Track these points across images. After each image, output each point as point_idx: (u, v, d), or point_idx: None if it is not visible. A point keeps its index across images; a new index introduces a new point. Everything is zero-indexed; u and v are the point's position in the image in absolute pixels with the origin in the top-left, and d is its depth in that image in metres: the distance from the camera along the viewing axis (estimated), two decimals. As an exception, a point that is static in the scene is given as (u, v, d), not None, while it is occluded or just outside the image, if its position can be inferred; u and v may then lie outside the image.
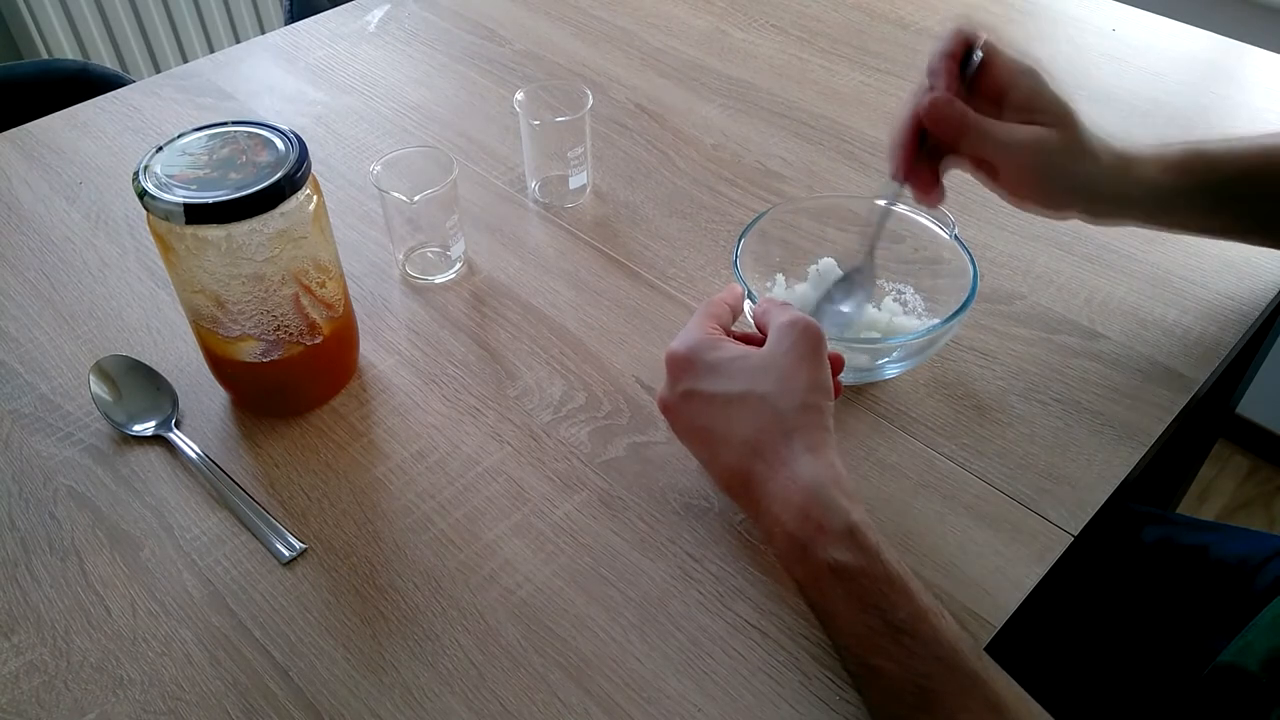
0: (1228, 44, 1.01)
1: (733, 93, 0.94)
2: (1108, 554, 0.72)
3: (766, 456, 0.50)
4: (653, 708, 0.48)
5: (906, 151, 0.59)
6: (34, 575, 0.54)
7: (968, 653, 0.43)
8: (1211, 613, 0.67)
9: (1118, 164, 0.59)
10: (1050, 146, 0.56)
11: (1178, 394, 0.64)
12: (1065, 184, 0.58)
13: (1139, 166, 0.59)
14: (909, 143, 0.58)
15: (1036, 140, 0.56)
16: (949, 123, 0.56)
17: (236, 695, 0.49)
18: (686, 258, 0.75)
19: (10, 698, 0.49)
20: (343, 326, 0.63)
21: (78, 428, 0.62)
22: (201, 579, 0.54)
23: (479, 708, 0.48)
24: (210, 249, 0.53)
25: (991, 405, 0.63)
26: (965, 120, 0.56)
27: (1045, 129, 0.56)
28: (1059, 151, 0.56)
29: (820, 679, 0.49)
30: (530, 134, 0.79)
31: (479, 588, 0.54)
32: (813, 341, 0.52)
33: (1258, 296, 0.72)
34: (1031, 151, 0.56)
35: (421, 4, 1.09)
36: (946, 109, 0.56)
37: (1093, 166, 0.58)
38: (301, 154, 0.55)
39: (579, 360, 0.67)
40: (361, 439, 0.62)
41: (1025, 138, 0.56)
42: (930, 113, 0.56)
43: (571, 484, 0.59)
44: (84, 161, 0.85)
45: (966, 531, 0.56)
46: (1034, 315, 0.70)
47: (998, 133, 0.56)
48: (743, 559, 0.55)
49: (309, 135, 0.88)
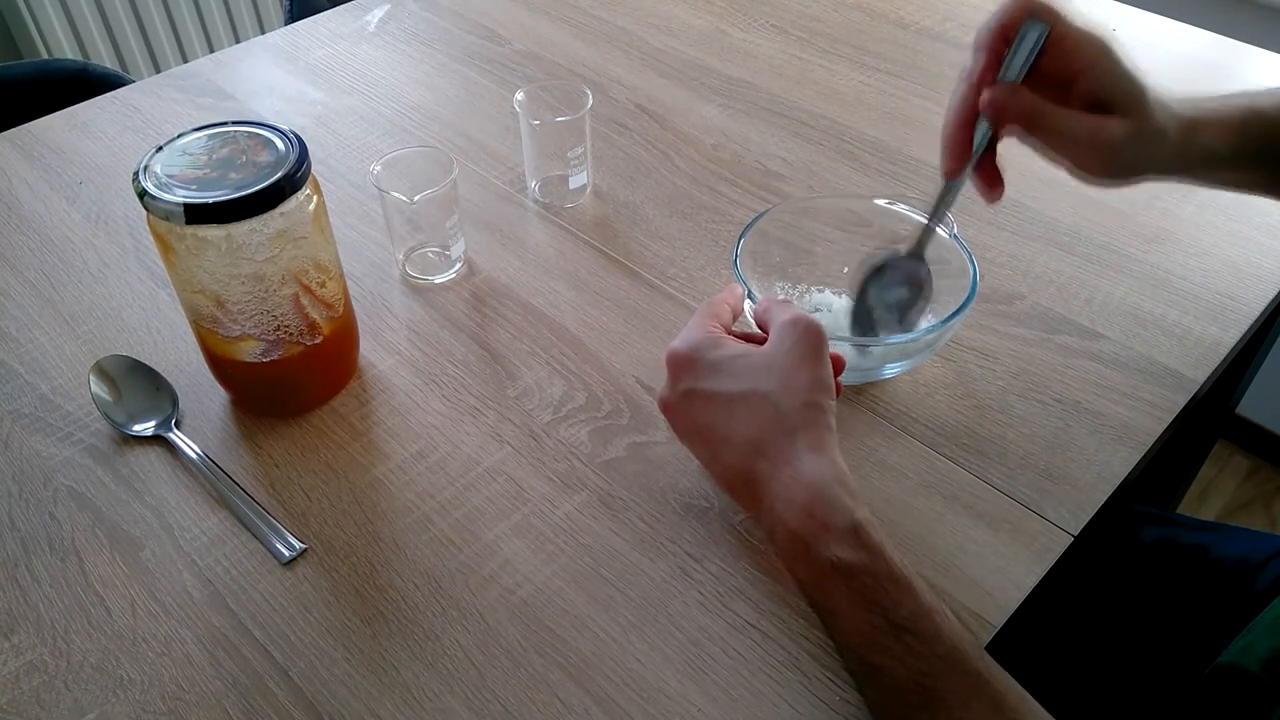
0: (1228, 44, 1.01)
1: (733, 93, 0.94)
2: (1108, 554, 0.72)
3: (769, 455, 0.49)
4: (653, 708, 0.48)
5: (961, 146, 0.55)
6: (34, 575, 0.54)
7: (970, 652, 0.43)
8: (1211, 613, 0.67)
9: (1181, 135, 0.55)
10: (1125, 135, 0.53)
11: (1178, 394, 0.64)
12: (1135, 166, 0.55)
13: (1200, 134, 0.56)
14: (964, 137, 0.55)
15: (1111, 132, 0.53)
16: (1015, 115, 0.53)
17: (236, 695, 0.49)
18: (686, 258, 0.75)
19: (10, 698, 0.49)
20: (343, 326, 0.63)
21: (78, 428, 0.62)
22: (201, 579, 0.54)
23: (479, 708, 0.48)
24: (210, 249, 0.53)
25: (991, 405, 0.63)
26: (1032, 111, 0.52)
27: (1119, 120, 0.53)
28: (1132, 139, 0.53)
29: (820, 679, 0.49)
30: (530, 134, 0.79)
31: (479, 588, 0.54)
32: (814, 340, 0.52)
33: (1258, 296, 0.72)
34: (1105, 143, 0.53)
35: (421, 4, 1.09)
36: (1010, 100, 0.52)
37: (1162, 145, 0.55)
38: (301, 154, 0.55)
39: (579, 360, 0.67)
40: (361, 439, 0.62)
41: (1100, 130, 0.53)
42: (994, 106, 0.53)
43: (571, 484, 0.59)
44: (84, 161, 0.85)
45: (966, 531, 0.56)
46: (1034, 315, 0.70)
47: (1070, 125, 0.53)
48: (743, 559, 0.55)
49: (309, 135, 0.88)
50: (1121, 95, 0.53)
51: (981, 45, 0.53)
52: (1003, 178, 0.57)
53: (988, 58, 0.53)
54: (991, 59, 0.53)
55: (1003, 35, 0.53)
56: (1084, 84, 0.53)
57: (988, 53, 0.53)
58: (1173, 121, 0.55)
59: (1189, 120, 0.56)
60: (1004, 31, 0.52)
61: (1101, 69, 0.53)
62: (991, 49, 0.53)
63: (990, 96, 0.53)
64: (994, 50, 0.53)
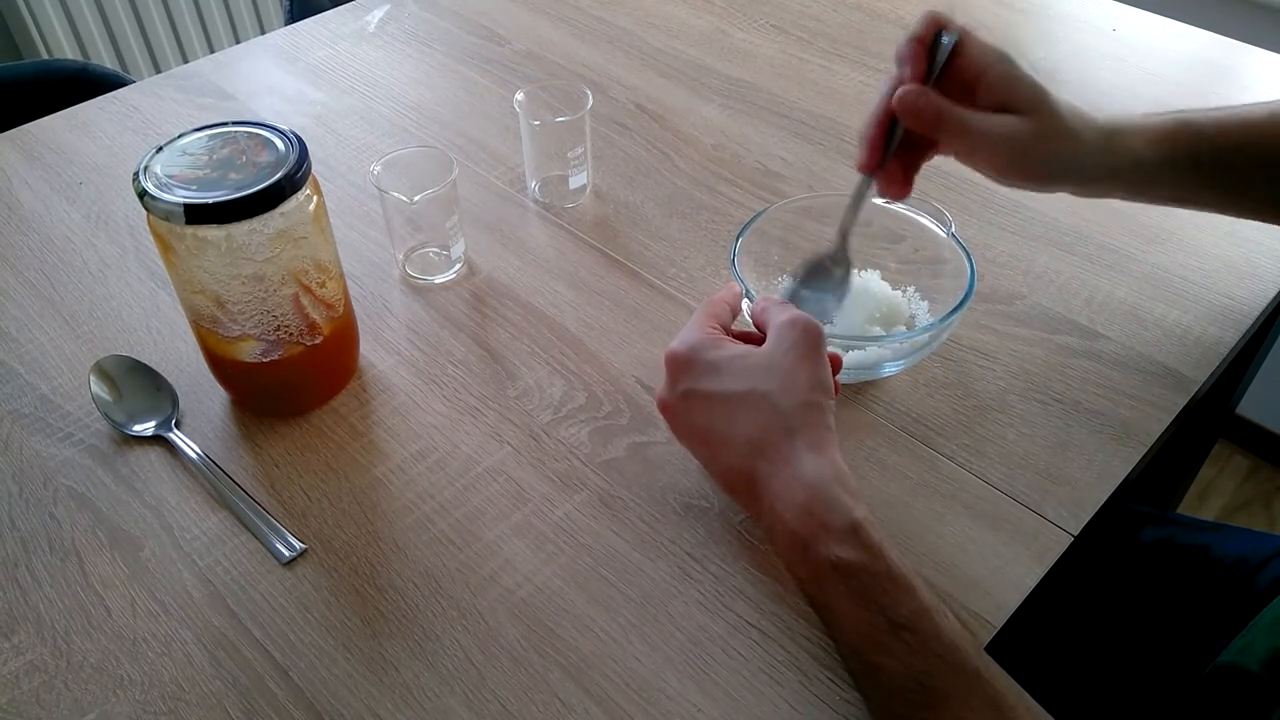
0: (1228, 44, 1.01)
1: (733, 93, 0.94)
2: (1107, 554, 0.72)
3: (769, 455, 0.50)
4: (653, 708, 0.48)
5: (875, 144, 0.58)
6: (34, 575, 0.54)
7: (969, 650, 0.43)
8: (1211, 613, 0.67)
9: (1101, 139, 0.58)
10: (1026, 133, 0.56)
11: (1178, 394, 0.64)
12: (1046, 167, 0.58)
13: (1124, 140, 0.59)
14: (878, 135, 0.58)
15: (1011, 129, 0.55)
16: (922, 114, 0.55)
17: (236, 695, 0.49)
18: (686, 258, 0.75)
19: (10, 698, 0.49)
20: (343, 326, 0.63)
21: (78, 428, 0.62)
22: (201, 579, 0.54)
23: (479, 708, 0.48)
24: (210, 249, 0.53)
25: (991, 405, 0.63)
26: (938, 111, 0.55)
27: (1019, 117, 0.55)
28: (1035, 136, 0.56)
29: (820, 679, 0.49)
30: (530, 134, 0.79)
31: (479, 588, 0.54)
32: (813, 340, 0.52)
33: (1258, 296, 0.72)
34: (1008, 140, 0.56)
35: (421, 4, 1.09)
36: (918, 100, 0.55)
37: (1073, 146, 0.57)
38: (301, 154, 0.55)
39: (579, 360, 0.67)
40: (361, 439, 0.62)
41: (1000, 127, 0.56)
42: (902, 104, 0.55)
43: (571, 484, 0.59)
44: (84, 161, 0.85)
45: (966, 531, 0.56)
46: (1034, 315, 0.70)
47: (972, 123, 0.56)
48: (743, 559, 0.55)
49: (309, 135, 0.88)
50: (1025, 96, 0.56)
51: (902, 57, 0.57)
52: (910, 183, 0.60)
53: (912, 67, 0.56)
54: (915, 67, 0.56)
55: (921, 45, 0.56)
56: (985, 88, 0.56)
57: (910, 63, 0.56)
58: (1086, 126, 0.58)
59: (1106, 126, 0.59)
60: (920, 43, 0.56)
61: (1003, 73, 0.56)
62: (912, 58, 0.56)
63: (899, 96, 0.56)
64: (915, 58, 0.56)
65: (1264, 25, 1.43)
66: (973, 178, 0.62)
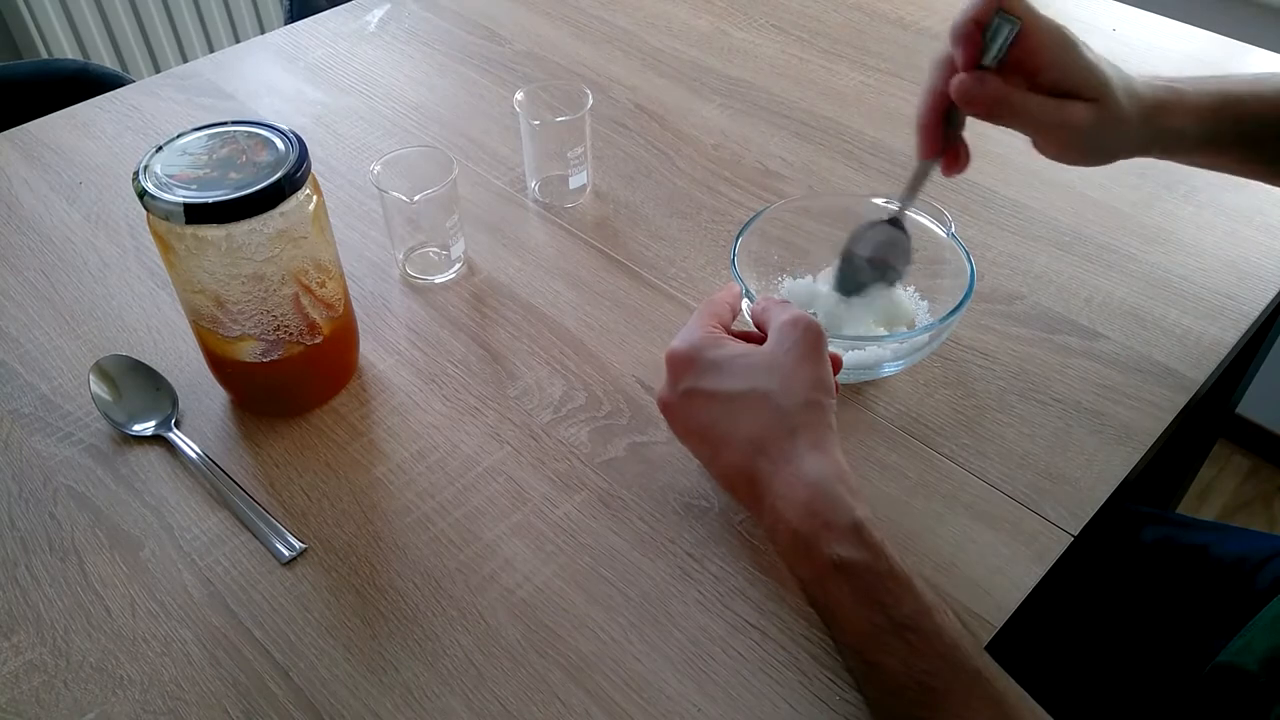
0: (1228, 44, 1.01)
1: (733, 93, 0.94)
2: (1107, 554, 0.72)
3: (770, 454, 0.50)
4: (653, 708, 0.48)
5: (933, 132, 0.57)
6: (34, 575, 0.54)
7: (970, 650, 0.43)
8: (1211, 612, 0.67)
9: (1152, 117, 0.58)
10: (1089, 120, 0.55)
11: (1178, 394, 0.64)
12: (1103, 149, 0.58)
13: (1171, 119, 0.59)
14: (935, 122, 0.57)
15: (1075, 118, 0.55)
16: (982, 102, 0.55)
17: (236, 695, 0.49)
18: (686, 258, 0.75)
19: (10, 698, 0.49)
20: (343, 326, 0.63)
21: (78, 428, 0.62)
22: (201, 579, 0.54)
23: (479, 708, 0.48)
24: (210, 249, 0.53)
25: (991, 405, 0.63)
26: (997, 98, 0.54)
27: (1083, 105, 0.55)
28: (1098, 123, 0.55)
29: (820, 679, 0.49)
30: (530, 134, 0.79)
31: (479, 588, 0.54)
32: (814, 340, 0.52)
33: (1258, 296, 0.72)
34: (1071, 127, 0.55)
35: (421, 4, 1.09)
36: (975, 89, 0.54)
37: (1129, 129, 0.57)
38: (301, 154, 0.55)
39: (579, 360, 0.67)
40: (361, 439, 0.62)
41: (1062, 114, 0.55)
42: (960, 94, 0.55)
43: (571, 484, 0.59)
44: (84, 161, 0.85)
45: (966, 531, 0.56)
46: (1034, 315, 0.70)
47: (1033, 109, 0.55)
48: (743, 559, 0.55)
49: (309, 135, 0.88)
50: (1085, 85, 0.55)
51: (957, 37, 0.55)
52: (969, 156, 0.59)
53: (966, 48, 0.55)
54: (969, 49, 0.55)
55: (977, 26, 0.55)
56: (1050, 75, 0.55)
57: (965, 43, 0.55)
58: (1139, 107, 0.57)
59: (1156, 104, 0.58)
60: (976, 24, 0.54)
61: (1067, 60, 0.55)
62: (967, 40, 0.55)
63: (959, 83, 0.55)
64: (970, 40, 0.55)
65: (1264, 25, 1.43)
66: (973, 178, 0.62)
